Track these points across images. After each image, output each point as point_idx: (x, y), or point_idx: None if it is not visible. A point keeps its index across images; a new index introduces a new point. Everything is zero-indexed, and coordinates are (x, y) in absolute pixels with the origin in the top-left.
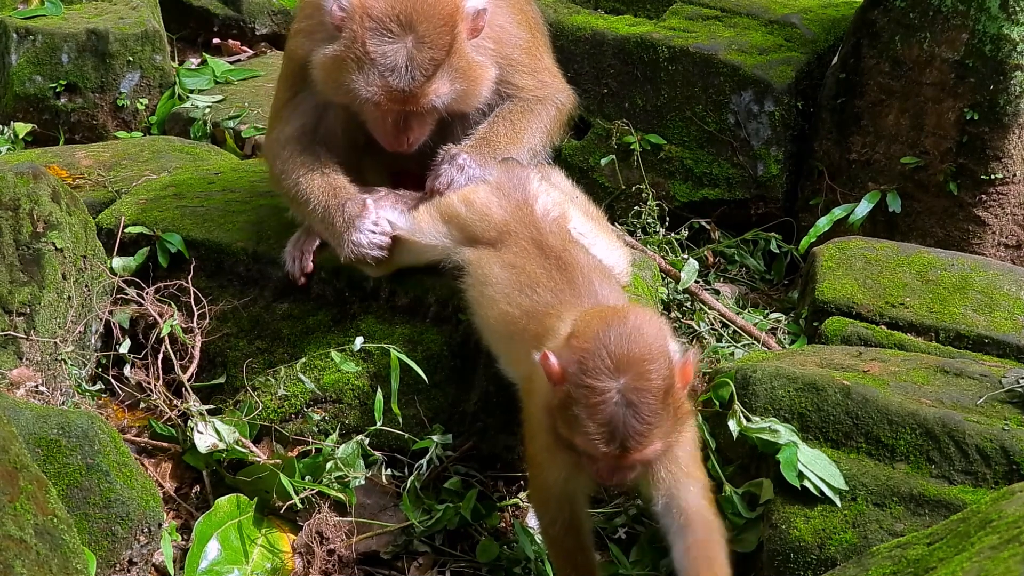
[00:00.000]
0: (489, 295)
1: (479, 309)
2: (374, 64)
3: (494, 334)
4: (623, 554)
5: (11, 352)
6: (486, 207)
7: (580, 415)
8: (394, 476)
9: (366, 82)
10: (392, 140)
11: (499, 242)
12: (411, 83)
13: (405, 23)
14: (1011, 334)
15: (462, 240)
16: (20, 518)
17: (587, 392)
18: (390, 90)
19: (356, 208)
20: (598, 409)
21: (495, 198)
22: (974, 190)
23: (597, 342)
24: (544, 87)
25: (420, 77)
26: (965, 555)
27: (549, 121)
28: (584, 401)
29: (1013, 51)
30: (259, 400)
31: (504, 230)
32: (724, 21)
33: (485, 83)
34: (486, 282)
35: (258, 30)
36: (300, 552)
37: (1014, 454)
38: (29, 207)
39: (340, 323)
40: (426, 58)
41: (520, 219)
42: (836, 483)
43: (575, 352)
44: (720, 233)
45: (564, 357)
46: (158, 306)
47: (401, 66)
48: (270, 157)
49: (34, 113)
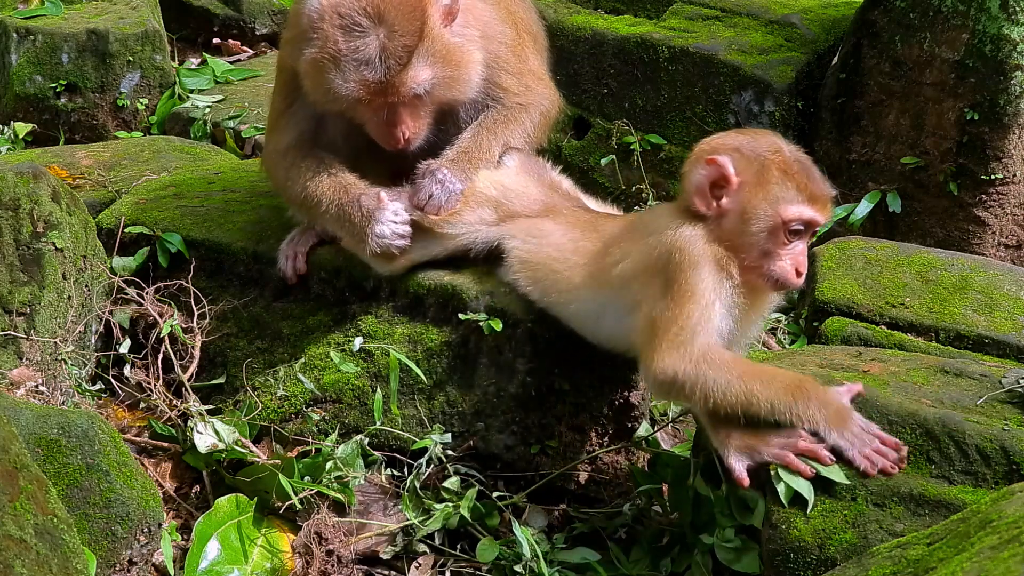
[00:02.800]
0: (550, 242)
1: (536, 256)
2: (347, 60)
3: (560, 275)
4: (623, 554)
5: (11, 352)
6: (524, 186)
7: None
8: (394, 476)
9: (343, 80)
10: (388, 137)
11: (544, 213)
12: (387, 73)
13: (374, 15)
14: (1011, 334)
15: (497, 221)
16: (20, 518)
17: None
18: (367, 83)
19: (372, 201)
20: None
21: (527, 179)
22: (974, 190)
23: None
24: (528, 92)
25: (395, 65)
26: (965, 555)
27: (532, 128)
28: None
29: (1013, 51)
30: (259, 400)
31: (548, 205)
32: (724, 21)
33: (472, 67)
34: (544, 234)
35: (258, 30)
36: (300, 552)
37: (1014, 454)
38: (29, 207)
39: (340, 323)
40: (398, 46)
41: (558, 194)
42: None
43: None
44: None
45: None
46: (158, 306)
47: (374, 57)
48: (271, 167)
49: (34, 113)
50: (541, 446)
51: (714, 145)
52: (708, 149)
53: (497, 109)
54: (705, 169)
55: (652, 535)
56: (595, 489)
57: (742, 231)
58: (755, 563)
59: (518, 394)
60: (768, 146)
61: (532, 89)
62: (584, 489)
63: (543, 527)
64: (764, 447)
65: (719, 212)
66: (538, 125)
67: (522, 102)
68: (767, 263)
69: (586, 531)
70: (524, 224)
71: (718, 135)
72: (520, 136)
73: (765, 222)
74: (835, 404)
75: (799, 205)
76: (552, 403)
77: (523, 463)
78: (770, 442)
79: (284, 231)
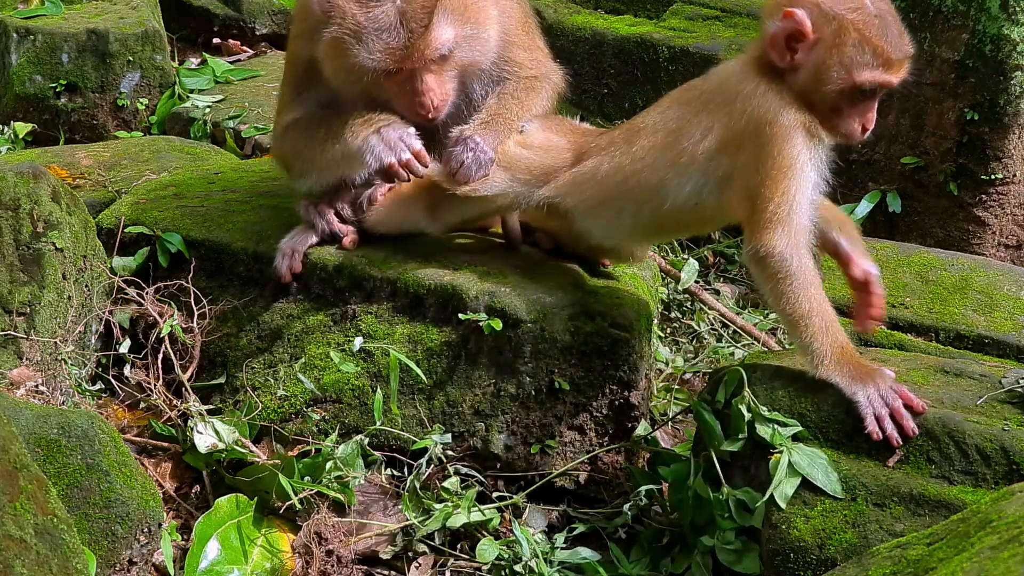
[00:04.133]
0: (604, 169)
1: (597, 190)
2: (368, 31)
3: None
4: (623, 554)
5: (11, 352)
6: (549, 140)
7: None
8: (394, 476)
9: (368, 51)
10: (416, 107)
11: (578, 159)
12: (410, 36)
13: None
14: (1011, 334)
15: (532, 180)
16: (20, 518)
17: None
18: (392, 51)
19: (398, 126)
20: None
21: (551, 134)
22: (974, 190)
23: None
24: (540, 65)
25: (418, 28)
26: (965, 555)
27: (548, 100)
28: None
29: (1013, 51)
30: (259, 400)
31: (579, 148)
32: (724, 21)
33: (490, 25)
34: (593, 170)
35: (258, 30)
36: (300, 552)
37: (1014, 454)
38: (29, 207)
39: (340, 323)
40: (417, 8)
41: (583, 135)
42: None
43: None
44: (720, 233)
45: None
46: (158, 306)
47: (395, 22)
48: (278, 145)
49: (34, 113)
50: (541, 446)
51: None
52: (787, 0)
53: (514, 81)
54: (782, 22)
55: (652, 535)
56: (595, 489)
57: (814, 88)
58: (755, 564)
59: (518, 394)
60: (849, 2)
61: (542, 63)
62: (584, 489)
63: (543, 527)
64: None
65: (793, 65)
66: (551, 97)
67: (536, 75)
68: (835, 118)
69: (586, 531)
70: (567, 179)
71: None
72: (539, 106)
73: (838, 84)
74: (867, 366)
75: (873, 70)
76: (552, 403)
77: (523, 463)
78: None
79: (284, 231)
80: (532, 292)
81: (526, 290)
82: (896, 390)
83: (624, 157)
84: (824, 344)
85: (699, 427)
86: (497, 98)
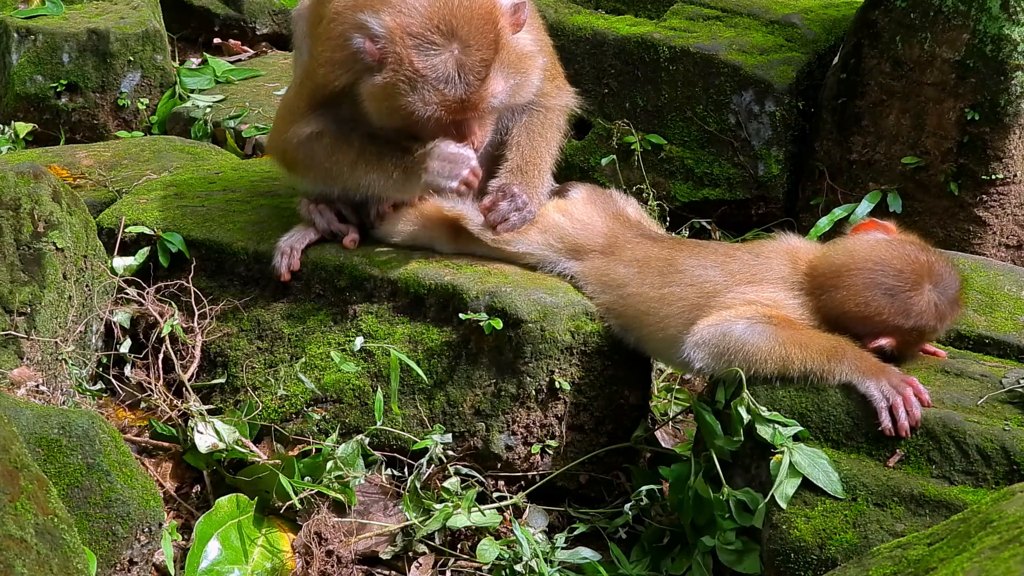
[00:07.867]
0: (630, 292)
1: (621, 307)
2: (426, 80)
3: (645, 318)
4: (624, 554)
5: (12, 352)
6: (588, 217)
7: None
8: (394, 476)
9: (423, 100)
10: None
11: (609, 249)
12: (467, 89)
13: (447, 32)
14: (1011, 334)
15: (564, 250)
16: (20, 518)
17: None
18: (448, 101)
19: (451, 145)
20: None
21: (592, 210)
22: (975, 190)
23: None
24: (560, 93)
25: (475, 81)
26: (965, 555)
27: (563, 129)
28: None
29: (1014, 51)
30: (259, 400)
31: (612, 237)
32: (725, 21)
33: (536, 73)
34: (620, 284)
35: (259, 30)
36: (300, 552)
37: (1014, 454)
38: (30, 207)
39: (340, 323)
40: (476, 60)
41: (622, 225)
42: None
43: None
44: (721, 233)
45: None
46: (159, 306)
47: (454, 75)
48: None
49: (35, 113)
50: (542, 446)
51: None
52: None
53: (540, 113)
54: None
55: (653, 535)
56: (595, 489)
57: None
58: (756, 564)
59: (518, 394)
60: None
61: (562, 90)
62: (585, 489)
63: (543, 527)
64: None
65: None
66: (564, 124)
67: (558, 104)
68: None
69: (586, 531)
70: (596, 268)
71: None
72: (559, 137)
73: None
74: (871, 359)
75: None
76: (552, 403)
77: (523, 463)
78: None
79: (285, 231)
80: (533, 292)
81: (527, 290)
82: (906, 380)
83: (652, 291)
84: (819, 363)
85: (699, 427)
86: (527, 135)
